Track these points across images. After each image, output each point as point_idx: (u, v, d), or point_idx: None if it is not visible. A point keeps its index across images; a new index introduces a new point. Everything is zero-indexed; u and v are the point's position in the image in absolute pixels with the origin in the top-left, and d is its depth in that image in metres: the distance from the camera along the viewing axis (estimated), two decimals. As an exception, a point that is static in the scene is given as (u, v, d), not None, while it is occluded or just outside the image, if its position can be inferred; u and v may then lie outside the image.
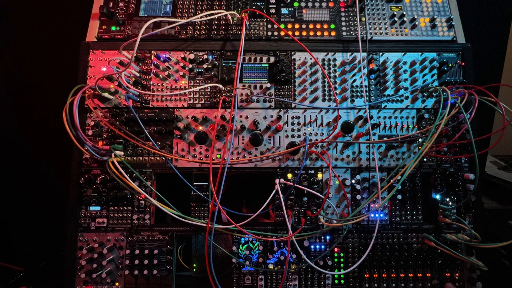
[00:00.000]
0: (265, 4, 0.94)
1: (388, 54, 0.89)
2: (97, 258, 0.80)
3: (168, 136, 0.85)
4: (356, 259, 0.83)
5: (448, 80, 0.88)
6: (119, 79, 0.78)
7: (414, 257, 0.84)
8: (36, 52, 1.23)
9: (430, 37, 0.92)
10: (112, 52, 0.87)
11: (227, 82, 0.87)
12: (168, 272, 0.82)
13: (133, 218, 0.83)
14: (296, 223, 0.83)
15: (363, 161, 0.85)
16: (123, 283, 0.81)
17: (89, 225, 0.82)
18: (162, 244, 0.83)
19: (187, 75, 0.88)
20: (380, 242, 0.84)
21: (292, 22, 0.92)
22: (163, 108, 0.86)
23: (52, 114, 0.88)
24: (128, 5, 0.92)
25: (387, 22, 0.93)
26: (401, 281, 0.83)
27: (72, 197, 0.83)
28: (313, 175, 0.85)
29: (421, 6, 0.94)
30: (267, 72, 0.89)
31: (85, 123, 0.84)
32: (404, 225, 0.84)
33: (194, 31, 0.90)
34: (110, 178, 0.82)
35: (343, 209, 0.84)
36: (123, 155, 0.83)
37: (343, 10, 0.93)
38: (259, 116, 0.87)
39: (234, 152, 0.85)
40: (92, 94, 0.83)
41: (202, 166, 0.85)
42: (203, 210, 0.84)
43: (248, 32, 0.90)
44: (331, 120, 0.87)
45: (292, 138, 0.86)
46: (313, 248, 0.84)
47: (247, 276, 0.83)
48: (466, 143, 0.84)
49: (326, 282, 0.83)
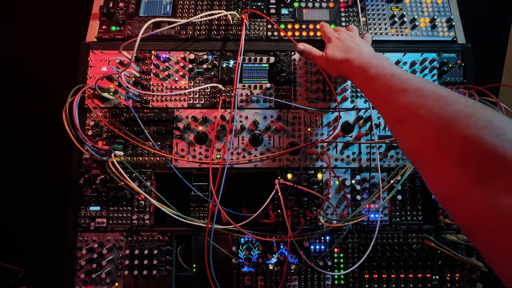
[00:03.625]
0: (265, 4, 0.94)
1: (388, 54, 0.89)
2: (96, 258, 0.80)
3: (168, 136, 0.85)
4: (356, 260, 0.83)
5: (448, 81, 0.88)
6: (119, 79, 0.78)
7: (414, 257, 0.83)
8: (35, 52, 1.23)
9: (430, 37, 0.91)
10: (112, 52, 0.87)
11: (227, 82, 0.87)
12: (167, 272, 0.82)
13: (132, 218, 0.82)
14: (296, 224, 0.83)
15: (363, 162, 0.85)
16: (122, 283, 0.81)
17: (89, 225, 0.82)
18: (161, 244, 0.83)
19: (187, 75, 0.88)
20: (380, 243, 0.84)
21: (292, 22, 0.92)
22: (163, 108, 0.86)
23: (51, 114, 0.88)
24: (128, 5, 0.92)
25: (387, 23, 0.93)
26: (401, 281, 0.83)
27: (71, 197, 0.83)
28: (313, 176, 0.85)
29: (421, 7, 0.94)
30: (267, 72, 0.89)
31: (85, 123, 0.84)
32: (404, 226, 0.84)
33: (194, 31, 0.90)
34: (110, 178, 0.82)
35: (343, 209, 0.84)
36: (123, 155, 0.83)
37: (343, 10, 0.93)
38: (259, 116, 0.87)
39: (234, 152, 0.85)
40: (92, 94, 0.83)
41: (202, 166, 0.85)
42: (203, 210, 0.84)
43: (248, 32, 0.90)
44: (331, 120, 0.87)
45: (292, 138, 0.86)
46: (313, 248, 0.83)
47: (247, 277, 0.83)
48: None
49: (326, 283, 0.83)
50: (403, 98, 0.47)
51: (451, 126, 0.39)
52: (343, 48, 0.70)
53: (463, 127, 0.37)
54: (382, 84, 0.53)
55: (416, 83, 0.48)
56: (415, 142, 0.45)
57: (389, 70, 0.54)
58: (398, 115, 0.48)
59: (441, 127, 0.40)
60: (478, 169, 0.35)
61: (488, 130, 0.35)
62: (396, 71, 0.53)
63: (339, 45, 0.72)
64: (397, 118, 0.48)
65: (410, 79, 0.49)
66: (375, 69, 0.57)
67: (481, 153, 0.35)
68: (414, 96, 0.46)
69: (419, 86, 0.46)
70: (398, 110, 0.48)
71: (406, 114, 0.46)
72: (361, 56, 0.64)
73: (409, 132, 0.46)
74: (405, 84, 0.48)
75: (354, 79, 0.65)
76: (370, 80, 0.57)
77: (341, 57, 0.69)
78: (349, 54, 0.67)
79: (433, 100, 0.43)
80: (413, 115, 0.44)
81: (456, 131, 0.38)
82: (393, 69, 0.54)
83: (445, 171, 0.39)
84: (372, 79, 0.56)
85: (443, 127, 0.40)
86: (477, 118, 0.37)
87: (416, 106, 0.44)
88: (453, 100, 0.41)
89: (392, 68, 0.55)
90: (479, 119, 0.37)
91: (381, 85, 0.53)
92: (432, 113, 0.42)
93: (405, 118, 0.46)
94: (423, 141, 0.43)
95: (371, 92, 0.58)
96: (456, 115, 0.39)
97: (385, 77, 0.53)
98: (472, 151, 0.36)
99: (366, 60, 0.61)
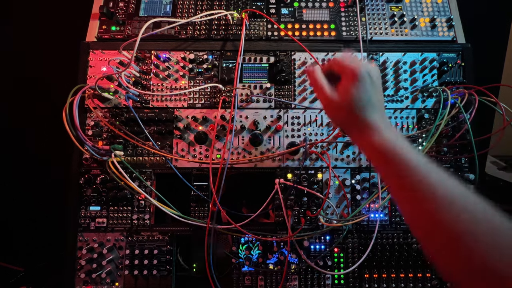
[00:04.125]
0: (265, 4, 0.94)
1: (388, 54, 0.89)
2: (96, 258, 0.80)
3: (168, 136, 0.85)
4: (356, 259, 0.83)
5: (448, 80, 0.88)
6: (119, 79, 0.78)
7: (414, 257, 0.83)
8: (35, 52, 1.23)
9: (430, 37, 0.91)
10: (112, 52, 0.87)
11: (227, 82, 0.87)
12: (167, 272, 0.82)
13: (133, 218, 0.82)
14: (296, 223, 0.83)
15: (363, 161, 0.85)
16: (122, 283, 0.81)
17: (89, 225, 0.82)
18: (162, 244, 0.83)
19: (187, 75, 0.88)
20: (380, 242, 0.84)
21: (292, 22, 0.92)
22: (163, 108, 0.86)
23: (52, 114, 0.88)
24: (128, 5, 0.92)
25: (387, 22, 0.93)
26: (401, 281, 0.83)
27: (72, 197, 0.83)
28: (313, 175, 0.85)
29: (421, 6, 0.94)
30: (267, 72, 0.89)
31: (85, 123, 0.84)
32: (404, 226, 0.84)
33: (194, 31, 0.90)
34: (110, 178, 0.82)
35: (343, 209, 0.84)
36: (123, 155, 0.83)
37: (343, 10, 0.93)
38: (259, 116, 0.87)
39: (234, 152, 0.85)
40: (92, 94, 0.83)
41: (202, 166, 0.85)
42: (203, 210, 0.84)
43: (248, 32, 0.90)
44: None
45: (292, 138, 0.86)
46: (313, 248, 0.83)
47: (247, 276, 0.83)
48: (466, 143, 0.84)
49: (326, 282, 0.83)
50: (455, 218, 0.37)
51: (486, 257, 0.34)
52: (366, 102, 0.48)
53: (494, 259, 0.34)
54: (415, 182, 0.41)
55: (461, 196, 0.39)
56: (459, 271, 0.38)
57: (424, 166, 0.41)
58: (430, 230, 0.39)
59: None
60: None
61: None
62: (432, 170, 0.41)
63: (362, 96, 0.48)
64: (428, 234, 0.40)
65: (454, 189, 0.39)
66: (402, 158, 0.43)
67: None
68: (467, 220, 0.37)
69: (473, 208, 0.38)
70: (448, 231, 0.38)
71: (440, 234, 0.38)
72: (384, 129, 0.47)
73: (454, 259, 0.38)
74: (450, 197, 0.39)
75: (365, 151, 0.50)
76: (393, 170, 0.44)
77: (358, 115, 0.48)
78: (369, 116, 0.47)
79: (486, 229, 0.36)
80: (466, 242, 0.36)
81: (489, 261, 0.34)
82: (428, 166, 0.42)
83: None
84: (397, 171, 0.43)
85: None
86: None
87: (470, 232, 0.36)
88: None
89: (427, 164, 0.42)
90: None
91: (413, 183, 0.41)
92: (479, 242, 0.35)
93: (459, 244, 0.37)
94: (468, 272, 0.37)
95: (402, 193, 0.44)
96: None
97: (419, 175, 0.41)
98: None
99: (388, 139, 0.45)
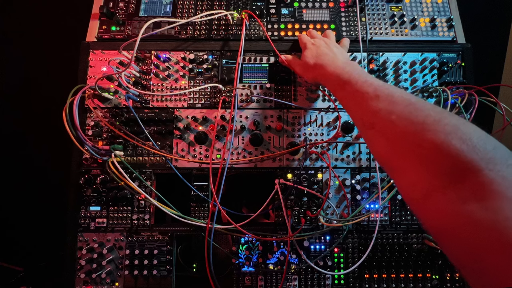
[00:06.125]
0: (265, 4, 0.94)
1: (388, 54, 0.89)
2: (96, 258, 0.80)
3: (168, 136, 0.85)
4: (356, 260, 0.83)
5: (448, 80, 0.88)
6: (119, 79, 0.78)
7: (414, 257, 0.83)
8: (36, 52, 1.23)
9: (430, 37, 0.91)
10: (112, 52, 0.87)
11: (227, 82, 0.87)
12: (167, 272, 0.82)
13: (133, 218, 0.82)
14: (296, 224, 0.83)
15: (363, 162, 0.85)
16: (122, 283, 0.81)
17: (89, 225, 0.82)
18: (162, 244, 0.83)
19: (187, 75, 0.88)
20: (380, 243, 0.84)
21: (292, 22, 0.92)
22: (163, 108, 0.86)
23: (52, 114, 0.88)
24: (128, 5, 0.92)
25: (387, 22, 0.93)
26: (401, 281, 0.83)
27: (72, 197, 0.83)
28: (313, 175, 0.85)
29: (421, 6, 0.94)
30: (267, 72, 0.89)
31: (85, 123, 0.84)
32: (404, 226, 0.84)
33: (194, 31, 0.90)
34: (110, 178, 0.82)
35: (343, 209, 0.84)
36: (123, 155, 0.83)
37: (343, 10, 0.93)
38: (259, 116, 0.87)
39: (234, 152, 0.85)
40: (92, 94, 0.83)
41: (202, 166, 0.85)
42: (203, 210, 0.84)
43: (248, 32, 0.90)
44: (331, 120, 0.87)
45: (292, 138, 0.86)
46: (313, 248, 0.83)
47: (247, 276, 0.83)
48: (466, 143, 0.84)
49: (326, 283, 0.83)
50: (374, 104, 0.48)
51: (420, 131, 0.39)
52: (317, 54, 0.71)
53: (431, 132, 0.38)
54: (355, 90, 0.54)
55: (387, 89, 0.49)
56: (385, 147, 0.46)
57: (362, 77, 0.55)
58: (370, 121, 0.49)
59: (410, 132, 0.41)
60: (443, 174, 0.35)
61: (455, 135, 0.35)
62: (368, 78, 0.54)
63: (314, 52, 0.72)
64: (369, 124, 0.49)
65: (382, 86, 0.50)
66: (348, 76, 0.58)
67: (447, 158, 0.35)
68: (385, 102, 0.46)
69: (390, 92, 0.47)
70: (369, 116, 0.49)
71: (377, 120, 0.47)
72: (335, 62, 0.65)
73: (379, 137, 0.47)
74: (377, 91, 0.49)
75: (328, 85, 0.66)
76: (343, 86, 0.58)
77: (315, 62, 0.70)
78: (323, 60, 0.68)
79: (403, 106, 0.44)
80: (383, 121, 0.45)
81: (425, 135, 0.38)
82: (366, 76, 0.56)
83: (412, 175, 0.40)
84: (345, 85, 0.57)
85: (412, 132, 0.40)
86: (444, 123, 0.37)
87: (387, 111, 0.45)
88: (422, 106, 0.42)
89: (364, 75, 0.56)
90: (446, 124, 0.37)
91: (354, 91, 0.54)
92: (402, 118, 0.42)
93: (376, 124, 0.47)
94: (392, 146, 0.44)
95: (344, 98, 0.59)
96: (424, 120, 0.40)
97: (358, 83, 0.54)
98: (439, 156, 0.36)
99: (339, 67, 0.62)
